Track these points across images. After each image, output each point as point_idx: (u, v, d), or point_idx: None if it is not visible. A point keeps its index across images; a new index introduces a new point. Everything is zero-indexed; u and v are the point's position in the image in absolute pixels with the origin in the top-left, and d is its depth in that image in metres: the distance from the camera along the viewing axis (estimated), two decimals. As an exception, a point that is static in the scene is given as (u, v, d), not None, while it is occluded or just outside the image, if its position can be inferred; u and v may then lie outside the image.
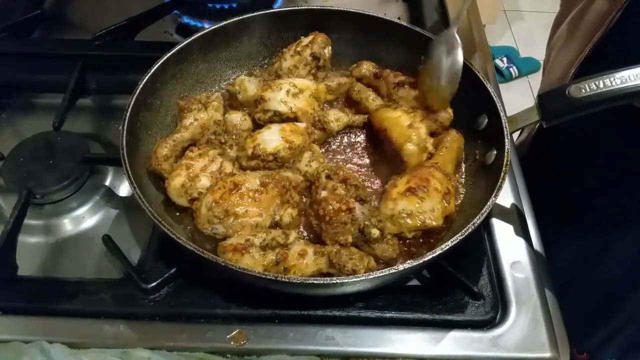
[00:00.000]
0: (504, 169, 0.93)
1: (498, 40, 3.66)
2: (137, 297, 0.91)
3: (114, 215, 1.09)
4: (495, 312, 0.92)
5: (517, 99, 2.62)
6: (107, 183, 1.14)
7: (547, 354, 0.88)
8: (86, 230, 1.07)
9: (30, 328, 0.89)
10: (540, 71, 3.37)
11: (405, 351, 0.88)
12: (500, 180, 0.92)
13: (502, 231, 1.02)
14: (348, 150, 1.13)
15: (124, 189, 1.13)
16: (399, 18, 1.36)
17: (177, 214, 1.00)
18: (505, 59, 3.45)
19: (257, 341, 0.88)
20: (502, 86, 1.34)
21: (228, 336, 0.88)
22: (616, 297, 1.37)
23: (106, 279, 0.95)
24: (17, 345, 0.86)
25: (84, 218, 1.08)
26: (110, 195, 1.12)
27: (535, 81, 3.40)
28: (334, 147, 1.14)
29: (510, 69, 3.41)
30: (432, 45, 1.07)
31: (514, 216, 1.05)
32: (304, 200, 1.02)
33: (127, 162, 0.94)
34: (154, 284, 0.91)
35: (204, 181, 0.98)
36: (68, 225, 1.07)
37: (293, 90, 1.09)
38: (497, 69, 3.40)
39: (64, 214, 1.08)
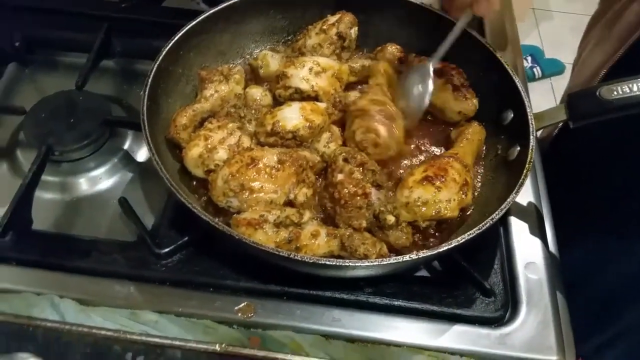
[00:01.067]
0: (527, 165, 0.92)
1: (524, 39, 3.59)
2: (149, 261, 0.92)
3: (130, 180, 1.09)
4: (504, 311, 0.91)
5: (538, 100, 2.57)
6: (126, 147, 1.14)
7: (554, 357, 0.87)
8: (102, 192, 1.07)
9: (42, 281, 0.90)
10: (564, 74, 3.36)
11: (411, 340, 0.88)
12: (522, 177, 0.90)
13: (519, 230, 1.01)
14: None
15: (141, 154, 1.14)
16: (430, 5, 1.35)
17: (193, 183, 1.00)
18: (529, 59, 3.40)
19: (264, 315, 0.88)
20: (523, 86, 1.32)
21: (236, 307, 0.88)
22: (619, 304, 1.36)
23: (120, 241, 0.96)
24: (28, 296, 0.87)
25: (100, 179, 1.09)
26: (128, 159, 1.12)
27: (558, 83, 3.35)
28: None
29: (534, 69, 3.36)
30: (405, 72, 1.09)
31: (532, 215, 1.04)
32: (319, 181, 1.01)
33: (146, 127, 0.93)
34: (167, 249, 0.92)
35: (222, 153, 0.97)
36: (84, 184, 1.08)
37: (316, 69, 1.08)
38: (521, 67, 3.36)
39: (81, 174, 1.09)
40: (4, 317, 0.84)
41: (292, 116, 1.01)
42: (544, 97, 3.24)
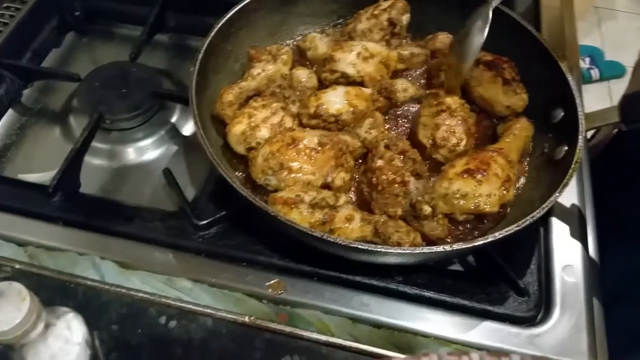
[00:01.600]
0: (573, 166, 0.89)
1: (584, 38, 3.46)
2: (188, 232, 0.94)
3: (176, 152, 1.12)
4: (537, 311, 0.90)
5: (592, 103, 2.49)
6: (173, 120, 1.17)
7: (585, 363, 0.85)
8: (147, 162, 1.11)
9: (86, 242, 0.93)
10: (624, 77, 3.22)
11: (439, 332, 0.87)
12: (567, 177, 0.88)
13: (559, 231, 0.99)
14: (409, 124, 1.10)
15: (187, 129, 1.16)
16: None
17: (233, 160, 1.02)
18: (587, 60, 3.28)
19: (294, 293, 0.89)
20: (579, 87, 1.28)
21: (267, 283, 0.90)
22: None
23: (161, 210, 0.99)
24: (72, 255, 0.91)
25: (147, 149, 1.12)
26: (174, 132, 1.15)
27: (616, 87, 3.22)
28: (395, 117, 1.11)
29: (591, 71, 3.23)
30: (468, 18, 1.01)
31: (574, 217, 1.01)
32: (358, 166, 1.01)
33: (194, 102, 0.95)
34: (205, 221, 0.94)
35: (264, 132, 0.99)
36: (131, 153, 1.12)
37: (364, 54, 1.08)
38: (578, 68, 3.25)
39: (129, 143, 1.12)
40: (49, 273, 0.88)
41: (336, 100, 1.01)
42: (599, 100, 3.12)
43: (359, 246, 0.80)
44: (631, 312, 1.27)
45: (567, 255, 0.96)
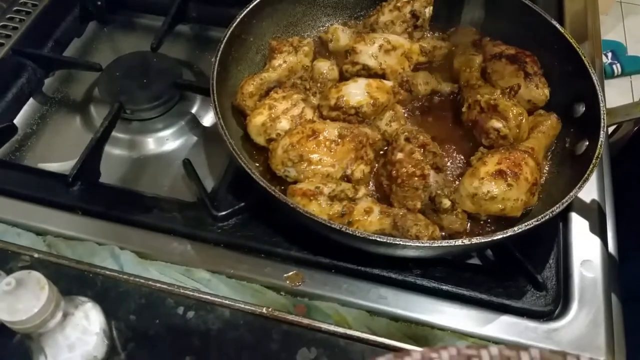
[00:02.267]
0: (594, 161, 0.89)
1: (607, 33, 3.41)
2: (206, 222, 0.95)
3: (195, 143, 1.13)
4: (555, 306, 0.89)
5: (614, 98, 2.46)
6: (194, 111, 1.18)
7: (602, 358, 0.85)
8: (167, 152, 1.12)
9: (105, 232, 0.94)
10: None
11: (456, 325, 0.87)
12: (588, 172, 0.87)
13: (579, 226, 0.98)
14: (429, 117, 1.10)
15: (207, 119, 1.17)
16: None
17: (253, 151, 1.02)
18: (610, 55, 3.23)
19: (312, 285, 0.89)
20: (602, 81, 1.26)
21: (285, 275, 0.90)
22: None
23: (180, 200, 0.99)
24: (91, 245, 0.92)
25: (167, 140, 1.13)
26: (194, 123, 1.16)
27: (637, 82, 3.17)
28: (415, 110, 1.11)
29: (614, 66, 3.19)
30: None
31: (594, 213, 1.00)
32: (378, 159, 1.01)
33: (215, 92, 0.95)
34: (224, 212, 0.94)
35: (284, 123, 0.99)
36: (152, 144, 1.12)
37: (386, 47, 1.07)
38: (600, 63, 3.20)
39: (150, 133, 1.13)
40: (68, 262, 0.88)
41: (356, 92, 1.01)
42: (621, 96, 3.08)
43: (378, 239, 0.80)
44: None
45: (586, 250, 0.95)
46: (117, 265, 0.89)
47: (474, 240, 0.80)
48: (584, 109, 1.00)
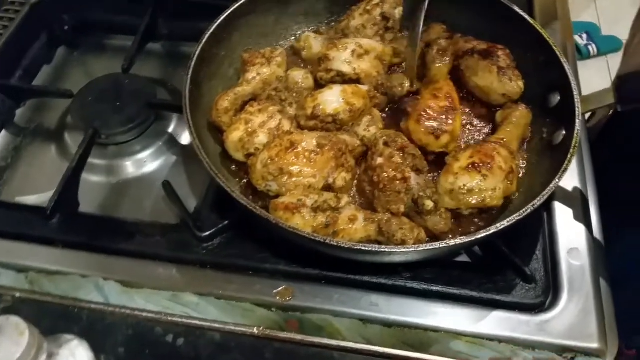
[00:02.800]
0: (571, 150, 0.89)
1: (579, 15, 3.44)
2: (191, 244, 0.94)
3: (175, 162, 1.12)
4: (545, 297, 0.90)
5: (593, 78, 2.47)
6: (171, 130, 1.16)
7: (595, 345, 0.85)
8: (147, 174, 1.10)
9: (88, 263, 0.93)
10: (620, 52, 3.19)
11: (450, 326, 0.87)
12: (566, 162, 0.88)
13: (563, 215, 0.98)
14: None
15: (185, 138, 1.16)
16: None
17: (233, 167, 1.01)
18: (584, 36, 3.26)
19: (303, 299, 0.89)
20: (578, 63, 1.27)
21: (275, 291, 0.89)
22: None
23: (163, 224, 0.98)
24: (74, 278, 0.90)
25: (145, 162, 1.12)
26: (172, 142, 1.14)
27: (614, 61, 3.20)
28: (393, 112, 1.10)
29: (589, 47, 3.22)
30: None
31: (577, 201, 1.01)
32: (359, 165, 1.01)
33: (189, 112, 0.94)
34: (208, 232, 0.94)
35: (262, 137, 0.98)
36: (130, 167, 1.11)
37: (358, 51, 1.07)
38: (575, 46, 3.22)
39: (127, 156, 1.12)
40: (52, 299, 0.87)
41: (332, 99, 1.01)
42: (599, 75, 3.10)
43: (362, 248, 0.80)
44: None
45: (572, 238, 0.96)
46: (102, 297, 0.88)
47: (458, 241, 0.81)
48: (558, 98, 1.01)
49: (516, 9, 1.07)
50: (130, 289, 0.89)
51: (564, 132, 0.96)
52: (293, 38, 1.21)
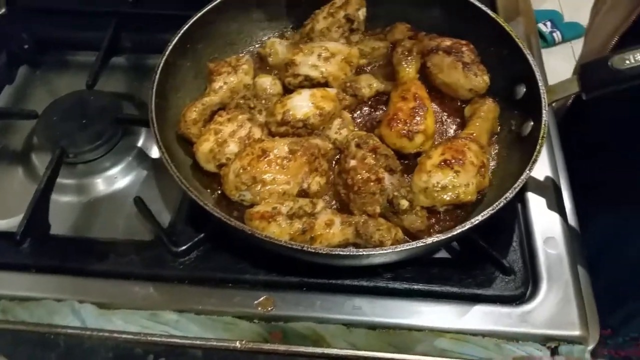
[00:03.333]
0: (539, 141, 0.90)
1: (542, 3, 3.50)
2: (167, 260, 0.93)
3: (146, 177, 1.10)
4: (525, 288, 0.90)
5: (560, 64, 2.51)
6: (140, 144, 1.14)
7: (577, 332, 0.86)
8: (118, 191, 1.08)
9: (62, 287, 0.91)
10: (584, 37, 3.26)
11: (433, 324, 0.87)
12: (535, 153, 0.88)
13: (537, 205, 0.99)
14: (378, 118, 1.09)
15: (156, 151, 1.12)
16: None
17: (206, 178, 1.00)
18: (549, 24, 3.32)
19: (284, 308, 0.88)
20: (544, 51, 1.29)
21: (255, 302, 0.88)
22: None
23: (137, 241, 0.97)
24: (49, 303, 0.88)
25: (116, 178, 1.10)
26: (142, 157, 1.13)
27: (578, 47, 3.21)
28: (364, 113, 1.10)
29: (554, 34, 3.28)
30: None
31: (550, 190, 1.02)
32: (333, 168, 1.00)
33: (155, 126, 0.93)
34: (183, 247, 0.92)
35: (232, 147, 0.97)
36: (100, 185, 1.09)
37: (325, 54, 1.07)
38: (540, 34, 3.27)
39: (97, 174, 1.10)
40: (26, 327, 0.85)
41: (302, 104, 1.00)
42: (565, 61, 3.15)
43: (340, 253, 0.80)
44: (612, 272, 1.28)
45: (547, 227, 0.97)
46: (79, 320, 0.86)
47: (434, 239, 0.81)
48: (524, 90, 1.02)
49: (478, 3, 1.08)
50: (107, 310, 0.88)
51: (531, 123, 0.97)
52: (258, 44, 1.21)
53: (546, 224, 0.97)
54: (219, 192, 0.98)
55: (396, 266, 0.91)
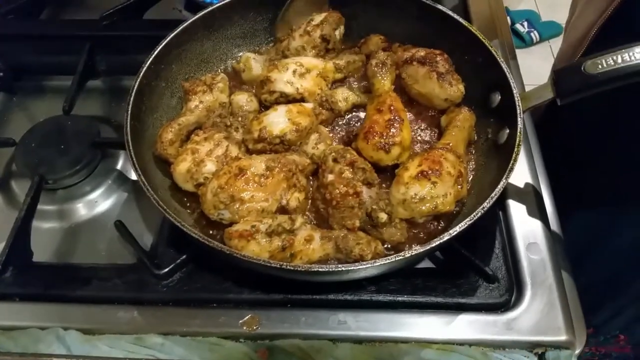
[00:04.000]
0: (515, 149, 0.90)
1: (519, 4, 3.55)
2: (150, 283, 0.92)
3: (127, 199, 1.09)
4: (510, 295, 0.91)
5: (538, 63, 2.53)
6: (119, 167, 1.14)
7: (563, 337, 0.87)
8: (99, 215, 1.08)
9: (46, 314, 0.90)
10: (561, 36, 3.31)
11: (419, 335, 0.87)
12: (512, 161, 0.89)
13: (518, 211, 1.00)
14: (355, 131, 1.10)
15: (135, 173, 1.13)
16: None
17: (184, 198, 1.00)
18: (526, 24, 3.36)
19: (270, 326, 0.88)
20: (522, 51, 1.30)
21: (240, 321, 0.88)
22: (623, 275, 1.35)
23: (119, 264, 0.96)
24: (33, 332, 0.87)
25: (96, 202, 1.09)
26: (122, 179, 1.12)
27: (556, 45, 3.29)
28: (341, 127, 1.11)
29: (531, 34, 3.31)
30: None
31: (531, 196, 1.02)
32: (311, 183, 1.01)
33: (131, 148, 0.93)
34: (166, 269, 0.92)
35: (210, 166, 0.97)
36: (81, 210, 1.08)
37: (300, 70, 1.07)
38: (518, 34, 3.30)
39: (77, 199, 1.09)
40: (11, 358, 0.84)
41: (278, 120, 1.01)
42: (544, 61, 3.17)
43: (319, 269, 0.80)
44: (593, 272, 1.29)
45: (529, 233, 0.97)
46: (64, 347, 0.85)
47: (413, 252, 0.81)
48: (499, 98, 1.02)
49: (451, 13, 1.08)
50: (92, 336, 0.87)
51: (507, 131, 0.98)
52: (234, 61, 1.21)
53: (528, 230, 0.98)
54: (199, 212, 0.97)
55: (380, 278, 0.92)
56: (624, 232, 1.26)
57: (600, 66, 0.87)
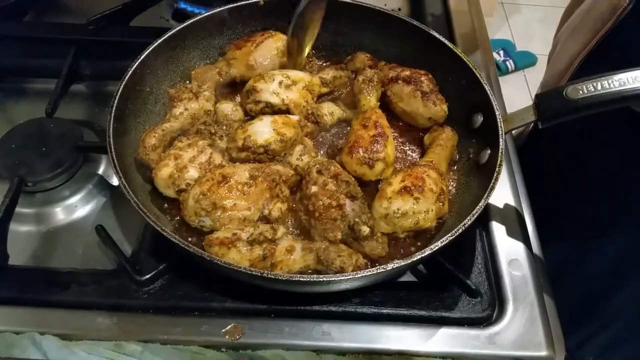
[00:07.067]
0: (497, 169, 0.92)
1: (495, 33, 3.64)
2: (130, 289, 0.91)
3: (108, 205, 1.08)
4: (492, 310, 0.92)
5: (513, 92, 2.61)
6: (100, 171, 1.13)
7: (544, 353, 0.88)
8: (79, 220, 1.06)
9: (22, 319, 0.88)
10: (536, 65, 3.40)
11: (402, 347, 0.88)
12: (492, 181, 0.91)
13: (500, 228, 1.02)
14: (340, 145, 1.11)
15: (116, 179, 1.12)
16: (399, 9, 1.35)
17: (165, 205, 0.99)
18: (501, 53, 3.45)
19: (253, 335, 0.87)
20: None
21: (223, 330, 0.87)
22: (596, 300, 1.38)
23: (99, 270, 0.95)
24: (8, 336, 0.85)
25: (76, 207, 1.07)
26: (103, 184, 1.11)
27: (531, 75, 3.40)
28: (325, 140, 1.12)
29: (507, 63, 3.41)
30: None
31: (512, 214, 1.04)
32: (295, 194, 1.01)
33: (113, 151, 0.92)
34: (147, 276, 0.91)
35: (192, 172, 0.96)
36: (60, 214, 1.07)
37: (286, 82, 1.08)
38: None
39: (56, 203, 1.07)
40: (-17, 362, 0.82)
41: (263, 130, 1.01)
42: (518, 90, 3.27)
43: (300, 279, 0.80)
44: (567, 296, 1.32)
45: (511, 250, 0.99)
46: (40, 353, 0.83)
47: (395, 265, 0.82)
48: (482, 118, 1.05)
49: (437, 35, 1.11)
50: (69, 342, 0.85)
51: (489, 152, 1.00)
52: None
53: (510, 246, 0.99)
54: (179, 218, 0.97)
55: (365, 290, 0.92)
56: (593, 256, 1.29)
57: (581, 92, 0.89)
